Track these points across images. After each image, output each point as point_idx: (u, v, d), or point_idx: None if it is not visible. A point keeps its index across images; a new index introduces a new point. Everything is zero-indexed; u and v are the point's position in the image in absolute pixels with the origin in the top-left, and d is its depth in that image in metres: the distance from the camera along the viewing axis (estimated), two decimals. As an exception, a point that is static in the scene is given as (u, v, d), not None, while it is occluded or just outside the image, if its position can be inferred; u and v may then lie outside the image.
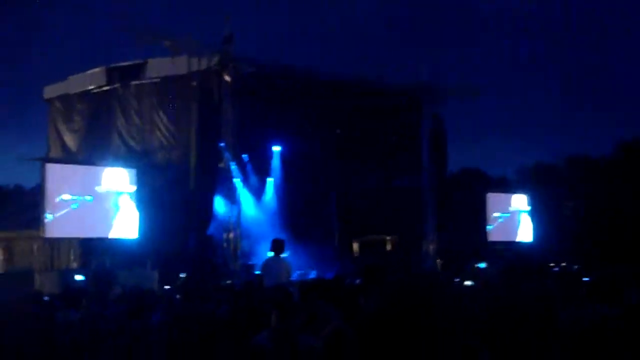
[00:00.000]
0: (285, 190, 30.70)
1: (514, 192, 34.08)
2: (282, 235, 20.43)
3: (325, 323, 7.07)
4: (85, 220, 23.48)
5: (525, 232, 33.19)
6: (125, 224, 24.10)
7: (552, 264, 25.09)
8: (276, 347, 6.60)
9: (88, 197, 23.44)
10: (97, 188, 23.67)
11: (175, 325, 8.27)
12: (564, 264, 26.35)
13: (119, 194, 24.08)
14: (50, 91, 31.50)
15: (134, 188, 24.43)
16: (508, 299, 5.14)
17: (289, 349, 6.57)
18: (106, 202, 23.82)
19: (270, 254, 14.87)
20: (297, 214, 30.27)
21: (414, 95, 31.02)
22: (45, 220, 22.64)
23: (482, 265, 24.43)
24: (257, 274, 18.05)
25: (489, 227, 31.74)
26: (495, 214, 32.28)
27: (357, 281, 9.77)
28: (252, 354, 6.71)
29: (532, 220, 33.40)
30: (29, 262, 25.80)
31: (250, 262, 26.83)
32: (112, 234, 23.87)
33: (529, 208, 33.44)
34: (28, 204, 28.15)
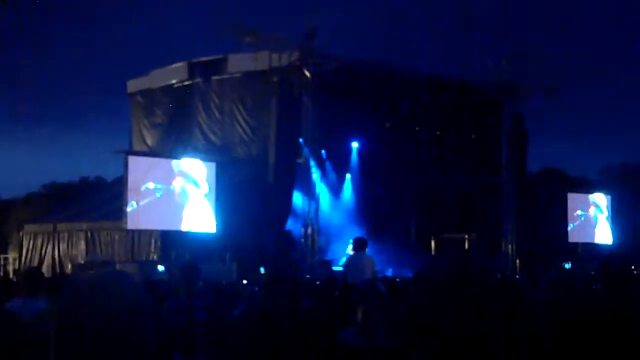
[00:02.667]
0: (363, 187, 30.60)
1: (594, 192, 33.40)
2: (358, 232, 20.40)
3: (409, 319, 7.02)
4: (167, 211, 23.65)
5: (603, 234, 32.44)
6: (198, 216, 24.18)
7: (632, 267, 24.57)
8: (363, 342, 6.59)
9: (171, 186, 23.62)
10: (175, 177, 23.78)
11: (259, 319, 8.28)
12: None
13: (190, 181, 24.07)
14: (133, 85, 32.01)
15: (204, 182, 24.36)
16: (609, 303, 5.01)
17: (374, 344, 6.55)
18: (182, 190, 23.90)
19: (351, 251, 14.82)
20: (374, 211, 30.17)
21: (495, 93, 30.68)
22: (128, 210, 22.85)
23: (568, 265, 24.06)
24: (339, 270, 18.03)
25: (570, 226, 31.14)
26: (577, 212, 31.63)
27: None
28: (340, 349, 6.69)
29: (614, 222, 32.66)
30: (110, 252, 26.20)
31: (326, 258, 26.86)
32: (188, 227, 24.02)
33: (606, 209, 32.65)
34: (110, 195, 28.63)
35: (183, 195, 23.87)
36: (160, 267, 20.95)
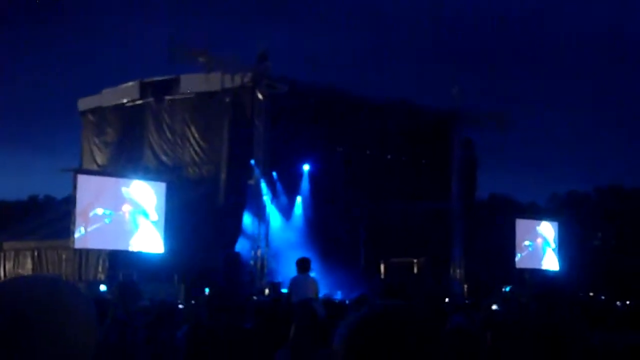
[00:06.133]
0: (314, 210, 30.60)
1: (543, 219, 33.78)
2: (309, 255, 20.35)
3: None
4: (116, 235, 23.58)
5: (550, 260, 32.80)
6: (146, 240, 24.12)
7: (580, 294, 24.87)
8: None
9: (120, 212, 23.57)
10: (125, 203, 23.74)
11: (201, 338, 8.26)
12: (591, 294, 26.10)
13: (140, 211, 24.05)
14: (84, 104, 31.83)
15: (153, 210, 24.31)
16: (543, 324, 5.09)
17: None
18: (132, 217, 23.88)
19: (296, 273, 14.81)
20: (324, 234, 30.18)
21: (445, 119, 30.99)
22: (76, 235, 22.78)
23: (507, 288, 24.32)
24: (284, 292, 18.01)
25: (518, 256, 31.44)
26: (525, 243, 31.97)
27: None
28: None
29: (560, 249, 33.02)
30: (57, 271, 25.93)
31: (276, 280, 26.79)
32: (136, 248, 23.94)
33: (553, 242, 32.94)
34: (59, 214, 28.36)
35: (132, 223, 23.83)
36: (102, 287, 20.77)
